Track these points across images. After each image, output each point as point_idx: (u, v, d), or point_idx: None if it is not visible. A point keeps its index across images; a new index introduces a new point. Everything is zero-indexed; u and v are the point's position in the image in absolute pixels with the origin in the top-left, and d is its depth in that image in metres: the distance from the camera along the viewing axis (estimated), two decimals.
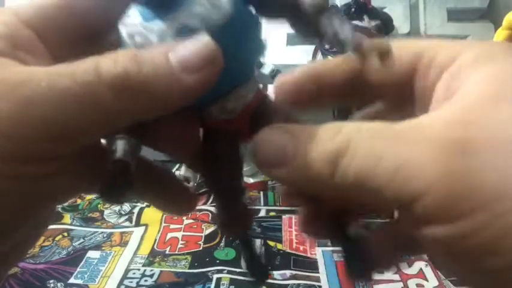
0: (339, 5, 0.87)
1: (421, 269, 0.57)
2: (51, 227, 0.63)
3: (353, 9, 0.80)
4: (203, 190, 0.69)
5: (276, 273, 0.55)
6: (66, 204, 0.70)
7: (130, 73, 0.15)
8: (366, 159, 0.15)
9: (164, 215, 0.68)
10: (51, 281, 0.53)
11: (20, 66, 0.15)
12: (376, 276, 0.56)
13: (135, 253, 0.60)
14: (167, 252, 0.60)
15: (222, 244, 0.62)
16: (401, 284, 0.54)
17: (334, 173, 0.15)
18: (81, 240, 0.62)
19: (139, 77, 0.15)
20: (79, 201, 0.72)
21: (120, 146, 0.17)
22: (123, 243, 0.62)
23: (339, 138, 0.16)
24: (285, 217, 0.68)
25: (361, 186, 0.15)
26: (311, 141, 0.16)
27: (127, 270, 0.56)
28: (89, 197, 0.73)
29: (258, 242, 0.62)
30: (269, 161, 0.17)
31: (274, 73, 0.81)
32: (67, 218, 0.67)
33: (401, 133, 0.15)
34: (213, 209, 0.68)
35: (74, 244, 0.61)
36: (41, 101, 0.14)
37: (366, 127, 0.16)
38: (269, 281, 0.53)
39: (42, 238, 0.61)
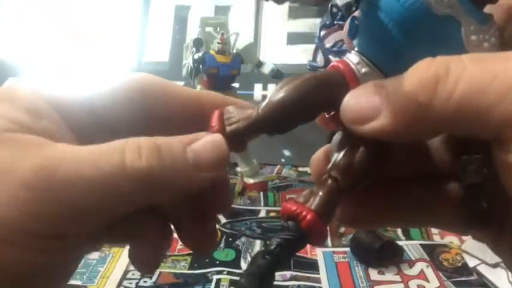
0: (339, 4, 0.87)
1: (422, 270, 0.56)
2: None
3: (354, 8, 0.79)
4: None
5: (276, 274, 0.54)
6: None
7: (153, 169, 0.16)
8: (475, 79, 0.14)
9: None
10: None
11: (48, 146, 0.16)
12: (377, 277, 0.56)
13: None
14: (166, 253, 0.59)
15: (222, 245, 0.61)
16: (402, 285, 0.53)
17: (432, 100, 0.15)
18: None
19: (160, 172, 0.17)
20: None
21: None
22: None
23: (434, 66, 0.15)
24: None
25: (465, 110, 0.14)
26: (400, 83, 0.15)
27: (126, 271, 0.56)
28: None
29: (257, 243, 0.61)
30: (362, 116, 0.16)
31: (275, 72, 0.81)
32: None
33: None
34: None
35: None
36: (67, 187, 0.15)
37: (465, 55, 0.15)
38: None
39: None
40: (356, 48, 0.19)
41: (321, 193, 0.18)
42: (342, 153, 0.18)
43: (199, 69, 0.75)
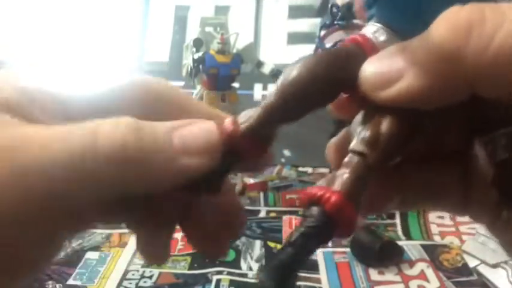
0: (339, 4, 0.87)
1: (422, 270, 0.56)
2: None
3: (354, 9, 0.79)
4: None
5: None
6: None
7: (128, 147, 0.14)
8: None
9: None
10: (50, 282, 0.53)
11: (18, 127, 0.15)
12: (377, 278, 0.56)
13: (134, 254, 0.59)
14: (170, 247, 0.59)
15: None
16: (402, 286, 0.53)
17: (466, 49, 0.13)
18: (80, 241, 0.62)
19: (136, 151, 0.15)
20: None
21: None
22: (122, 244, 0.61)
23: (466, 11, 0.13)
24: (285, 218, 0.67)
25: (505, 61, 0.12)
26: (426, 36, 0.14)
27: (126, 271, 0.56)
28: None
29: (257, 243, 0.61)
30: (384, 80, 0.15)
31: (275, 72, 0.81)
32: None
33: None
34: None
35: (72, 245, 0.61)
36: (30, 168, 0.14)
37: (503, 3, 0.13)
38: None
39: None
40: (373, 19, 0.18)
41: (346, 172, 0.15)
42: (366, 127, 0.16)
43: (199, 69, 0.75)
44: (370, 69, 0.15)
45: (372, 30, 0.17)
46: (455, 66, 0.13)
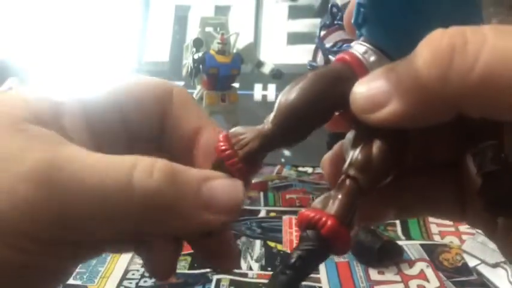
0: (339, 4, 0.87)
1: (422, 270, 0.56)
2: None
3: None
4: None
5: None
6: None
7: (162, 193, 0.15)
8: (501, 50, 0.12)
9: None
10: None
11: (60, 144, 0.16)
12: (377, 277, 0.56)
13: (134, 254, 0.59)
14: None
15: None
16: (402, 285, 0.53)
17: (448, 74, 0.13)
18: None
19: (168, 199, 0.16)
20: None
21: None
22: None
23: (448, 35, 0.13)
24: (285, 218, 0.67)
25: (489, 85, 0.12)
26: (411, 60, 0.14)
27: (126, 271, 0.56)
28: None
29: (257, 243, 0.61)
30: (373, 103, 0.15)
31: (275, 72, 0.81)
32: None
33: None
34: None
35: None
36: (65, 190, 0.15)
37: (485, 26, 0.13)
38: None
39: None
40: (361, 38, 0.18)
41: (339, 196, 0.16)
42: (357, 150, 0.16)
43: (200, 69, 0.75)
44: (360, 91, 0.16)
45: (362, 50, 0.17)
46: (440, 90, 0.13)
